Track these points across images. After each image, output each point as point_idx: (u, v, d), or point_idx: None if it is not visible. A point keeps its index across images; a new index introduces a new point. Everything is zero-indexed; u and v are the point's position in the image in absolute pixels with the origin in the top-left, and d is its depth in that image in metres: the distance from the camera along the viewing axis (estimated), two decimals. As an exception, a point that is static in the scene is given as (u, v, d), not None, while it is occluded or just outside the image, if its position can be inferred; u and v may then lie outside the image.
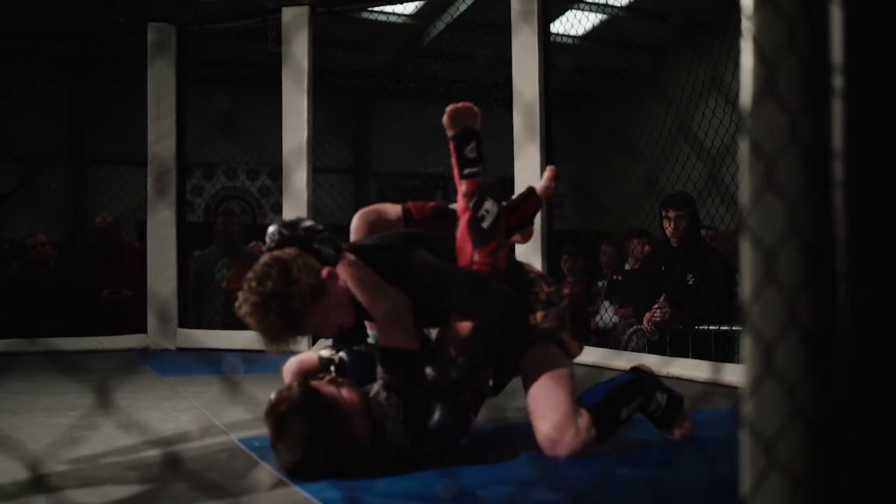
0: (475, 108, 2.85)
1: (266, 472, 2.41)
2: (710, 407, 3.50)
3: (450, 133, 2.83)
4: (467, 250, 2.69)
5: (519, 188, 5.49)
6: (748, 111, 1.08)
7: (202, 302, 6.68)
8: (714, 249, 4.87)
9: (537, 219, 5.33)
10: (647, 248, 6.86)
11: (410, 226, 2.95)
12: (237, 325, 6.46)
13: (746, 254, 1.11)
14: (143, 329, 6.38)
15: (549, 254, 5.50)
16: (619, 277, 6.38)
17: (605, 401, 2.69)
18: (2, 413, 3.54)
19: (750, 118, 1.08)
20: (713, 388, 4.06)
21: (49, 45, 8.86)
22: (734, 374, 4.04)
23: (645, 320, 4.83)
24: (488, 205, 2.72)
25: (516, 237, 3.15)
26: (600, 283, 6.93)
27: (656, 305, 4.77)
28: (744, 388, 1.15)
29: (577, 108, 6.09)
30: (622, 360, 4.75)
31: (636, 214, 5.99)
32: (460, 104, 2.83)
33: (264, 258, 2.46)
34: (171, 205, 6.35)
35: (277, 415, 2.31)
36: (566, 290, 7.17)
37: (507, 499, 2.18)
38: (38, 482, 2.31)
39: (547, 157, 5.41)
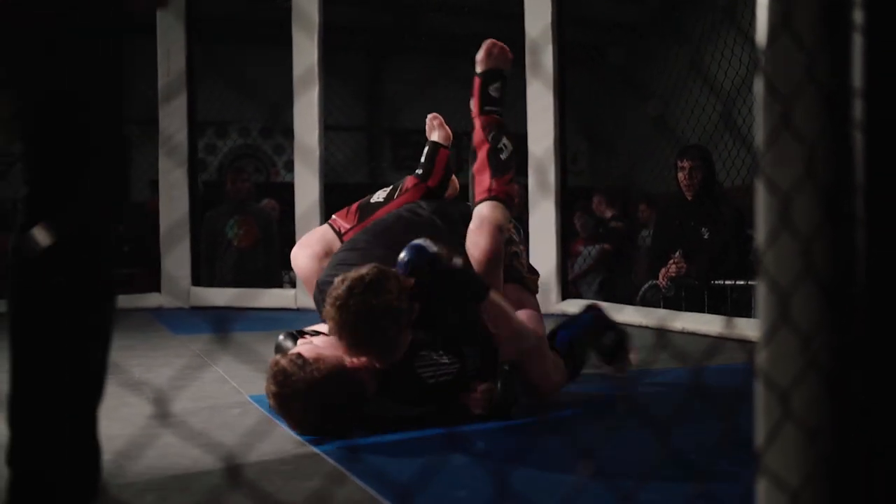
0: (510, 52, 2.91)
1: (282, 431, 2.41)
2: (723, 361, 3.46)
3: (480, 68, 2.89)
4: (485, 180, 2.77)
5: (533, 139, 5.44)
6: (763, 48, 1.03)
7: (214, 261, 6.67)
8: (729, 202, 4.79)
9: (551, 174, 5.31)
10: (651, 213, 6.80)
11: (344, 238, 3.00)
12: (249, 283, 6.49)
13: (761, 198, 1.07)
14: (156, 288, 6.39)
15: (563, 212, 5.45)
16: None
17: (571, 342, 2.90)
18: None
19: (765, 55, 1.03)
20: (726, 342, 4.01)
21: None
22: (748, 328, 4.01)
23: (660, 275, 4.77)
24: (505, 140, 2.82)
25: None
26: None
27: (672, 260, 4.71)
28: (758, 338, 1.11)
29: (591, 59, 5.99)
30: (638, 316, 4.72)
31: (648, 166, 5.93)
32: (499, 42, 2.91)
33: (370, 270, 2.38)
34: (183, 164, 6.31)
35: (276, 392, 2.31)
36: (579, 247, 7.13)
37: (516, 452, 2.16)
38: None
39: (561, 110, 5.34)
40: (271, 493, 1.86)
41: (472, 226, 2.72)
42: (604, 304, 5.17)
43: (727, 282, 4.54)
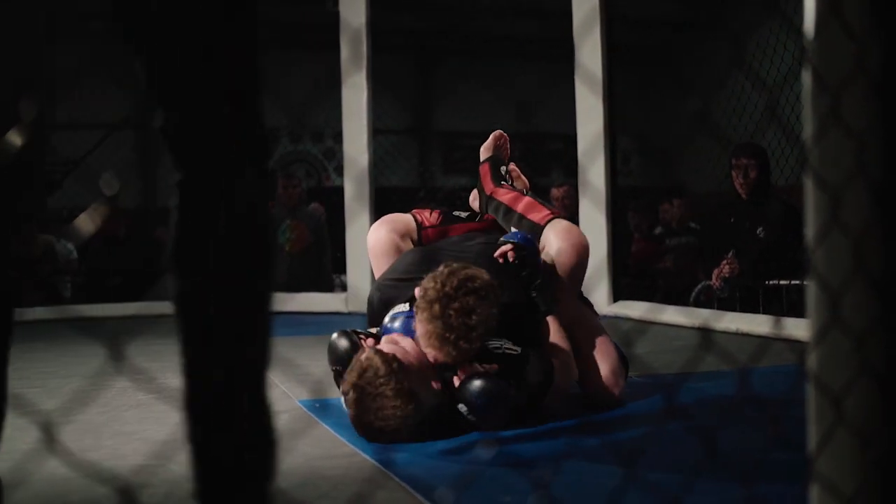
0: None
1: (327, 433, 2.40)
2: (772, 362, 3.38)
3: (487, 154, 3.21)
4: (542, 209, 2.89)
5: (582, 139, 5.39)
6: (811, 37, 0.99)
7: (268, 265, 6.71)
8: (785, 201, 4.70)
9: (600, 174, 5.25)
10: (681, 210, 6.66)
11: (424, 233, 3.00)
12: (301, 287, 6.52)
13: (810, 194, 1.03)
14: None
15: (613, 212, 5.39)
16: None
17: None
18: (73, 376, 3.60)
19: (813, 45, 0.99)
20: (776, 342, 3.92)
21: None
22: (797, 328, 3.93)
23: (714, 276, 4.69)
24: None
25: None
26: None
27: (725, 261, 4.62)
28: (809, 339, 1.07)
29: (641, 63, 5.94)
30: (691, 318, 4.65)
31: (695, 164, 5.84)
32: (505, 135, 3.26)
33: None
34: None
35: (360, 385, 2.24)
36: (633, 248, 7.05)
37: (556, 454, 2.13)
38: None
39: (611, 111, 5.29)
40: (315, 495, 1.85)
41: (554, 234, 2.77)
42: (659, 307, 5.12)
43: (783, 282, 4.45)
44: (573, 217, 5.87)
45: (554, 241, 2.77)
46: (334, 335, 2.61)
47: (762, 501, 1.36)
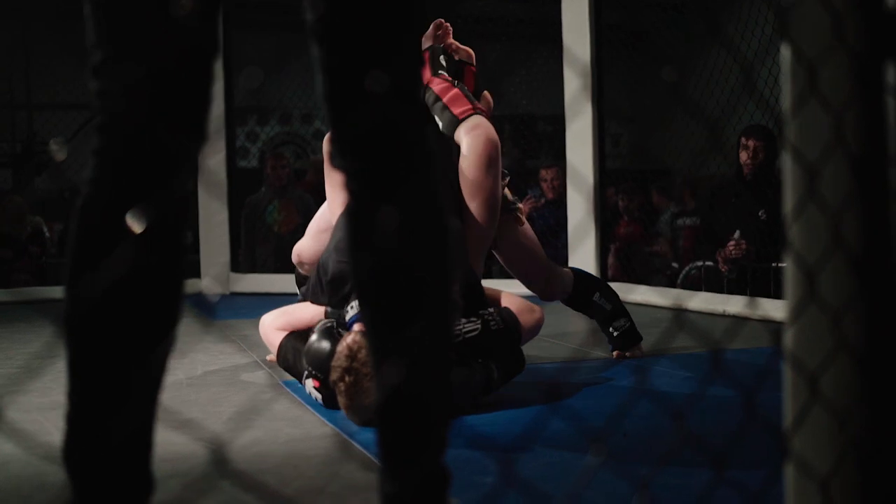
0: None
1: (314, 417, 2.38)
2: (748, 343, 3.36)
3: (427, 45, 3.14)
4: (464, 102, 2.90)
5: (571, 121, 5.36)
6: (789, 10, 0.97)
7: (255, 246, 6.69)
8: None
9: (588, 155, 5.22)
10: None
11: None
12: (290, 268, 6.48)
13: (787, 169, 1.01)
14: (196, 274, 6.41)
15: (600, 193, 5.36)
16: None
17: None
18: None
19: (791, 17, 0.97)
20: (770, 324, 3.92)
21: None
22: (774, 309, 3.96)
23: (719, 258, 4.66)
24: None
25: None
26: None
27: (732, 242, 4.59)
28: (785, 317, 1.06)
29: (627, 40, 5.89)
30: (689, 300, 4.64)
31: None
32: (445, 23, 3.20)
33: None
34: (220, 150, 6.32)
35: (358, 366, 2.19)
36: (621, 230, 7.04)
37: (521, 439, 2.12)
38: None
39: (598, 92, 5.26)
40: (301, 478, 1.84)
41: (465, 130, 2.79)
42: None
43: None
44: (562, 198, 5.88)
45: (463, 138, 2.79)
46: (313, 336, 2.47)
47: (734, 481, 1.34)
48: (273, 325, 2.83)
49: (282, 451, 2.07)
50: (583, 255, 5.22)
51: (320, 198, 7.01)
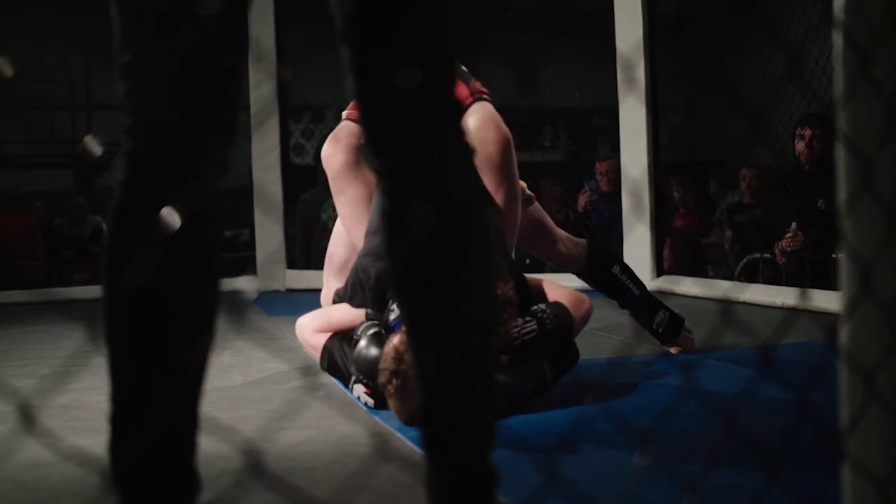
0: None
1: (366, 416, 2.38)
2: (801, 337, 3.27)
3: None
4: (463, 88, 2.73)
5: (625, 114, 5.30)
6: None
7: (310, 243, 6.72)
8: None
9: (642, 147, 5.16)
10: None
11: None
12: (344, 265, 6.49)
13: (841, 159, 0.98)
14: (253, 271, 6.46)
15: (656, 186, 5.29)
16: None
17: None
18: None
19: (843, 2, 0.93)
20: (819, 316, 3.82)
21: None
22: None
23: (776, 250, 4.57)
24: None
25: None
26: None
27: (788, 234, 4.50)
28: (840, 312, 1.02)
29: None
30: (743, 293, 4.56)
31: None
32: None
33: None
34: (275, 147, 6.36)
35: (406, 368, 2.14)
36: (678, 222, 6.94)
37: (567, 439, 2.09)
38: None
39: (653, 81, 5.18)
40: (353, 476, 1.83)
41: (474, 123, 2.66)
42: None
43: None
44: (618, 191, 5.81)
45: (472, 130, 2.63)
46: (362, 342, 2.44)
47: (788, 484, 1.30)
48: (311, 327, 2.81)
49: (333, 449, 2.07)
50: (638, 248, 5.16)
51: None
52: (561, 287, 2.71)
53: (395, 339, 2.22)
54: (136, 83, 1.21)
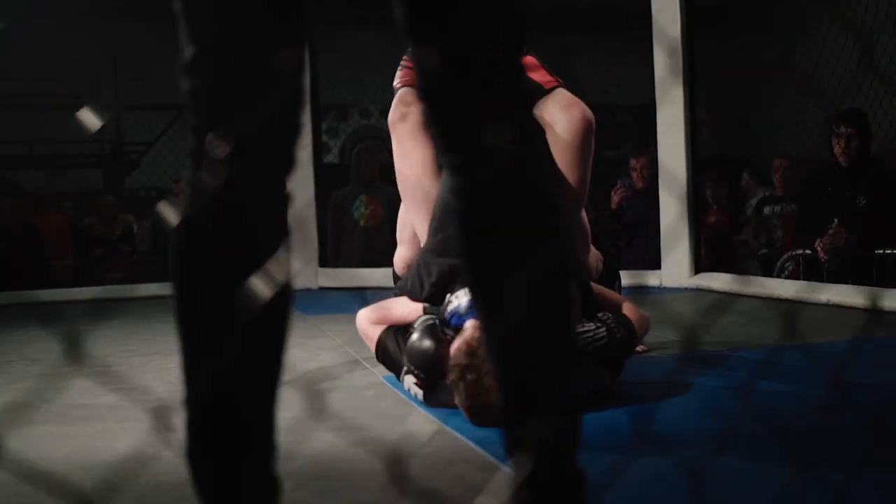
0: None
1: (420, 415, 2.36)
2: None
3: None
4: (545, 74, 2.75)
5: (662, 108, 5.25)
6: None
7: (341, 241, 6.71)
8: (885, 168, 4.52)
9: (679, 144, 5.11)
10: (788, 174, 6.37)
11: None
12: (377, 262, 6.53)
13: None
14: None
15: (693, 184, 5.25)
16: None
17: None
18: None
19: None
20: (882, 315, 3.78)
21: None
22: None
23: (819, 248, 4.52)
24: None
25: None
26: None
27: (830, 231, 4.45)
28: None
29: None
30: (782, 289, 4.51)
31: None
32: None
33: None
34: (307, 145, 6.35)
35: (478, 363, 2.11)
36: (711, 218, 6.89)
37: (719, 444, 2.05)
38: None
39: (690, 78, 5.14)
40: (416, 478, 1.80)
41: (561, 102, 2.64)
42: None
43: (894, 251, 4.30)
44: (652, 187, 5.76)
45: (559, 115, 2.63)
46: (415, 335, 2.42)
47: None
48: (369, 320, 2.79)
49: (391, 449, 2.04)
50: (677, 247, 5.12)
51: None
52: (628, 302, 2.66)
53: (467, 334, 2.19)
54: (199, 80, 1.19)
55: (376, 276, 5.93)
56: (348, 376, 2.97)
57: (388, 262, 6.47)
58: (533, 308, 1.26)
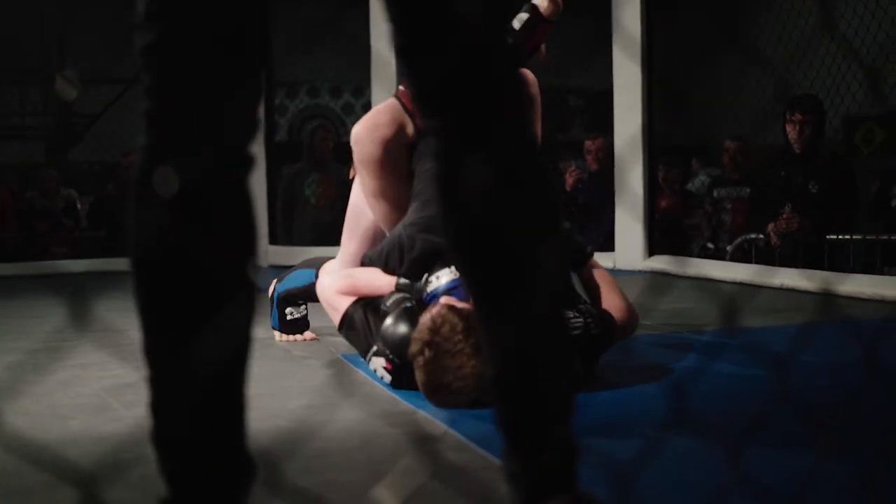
0: None
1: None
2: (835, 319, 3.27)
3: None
4: None
5: (619, 91, 5.25)
6: None
7: (293, 218, 6.64)
8: (838, 156, 4.60)
9: (637, 126, 5.12)
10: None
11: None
12: (327, 241, 6.46)
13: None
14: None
15: (649, 166, 5.27)
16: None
17: None
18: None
19: None
20: (834, 299, 3.82)
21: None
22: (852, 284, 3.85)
23: (771, 232, 4.57)
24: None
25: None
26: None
27: (784, 216, 4.50)
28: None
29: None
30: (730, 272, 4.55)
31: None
32: None
33: None
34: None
35: (440, 340, 2.07)
36: (663, 202, 6.93)
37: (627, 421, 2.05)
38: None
39: (648, 61, 5.15)
40: (381, 455, 1.78)
41: None
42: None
43: (845, 236, 4.37)
44: (607, 170, 5.77)
45: None
46: (390, 319, 2.35)
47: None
48: (335, 288, 2.68)
49: (363, 428, 2.01)
50: (631, 229, 5.15)
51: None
52: (616, 295, 2.57)
53: (434, 310, 2.15)
54: (156, 38, 1.13)
55: (325, 253, 5.87)
56: (306, 353, 2.92)
57: (338, 242, 6.43)
58: (527, 271, 1.20)
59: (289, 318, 3.12)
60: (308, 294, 3.02)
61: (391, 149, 2.67)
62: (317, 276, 2.95)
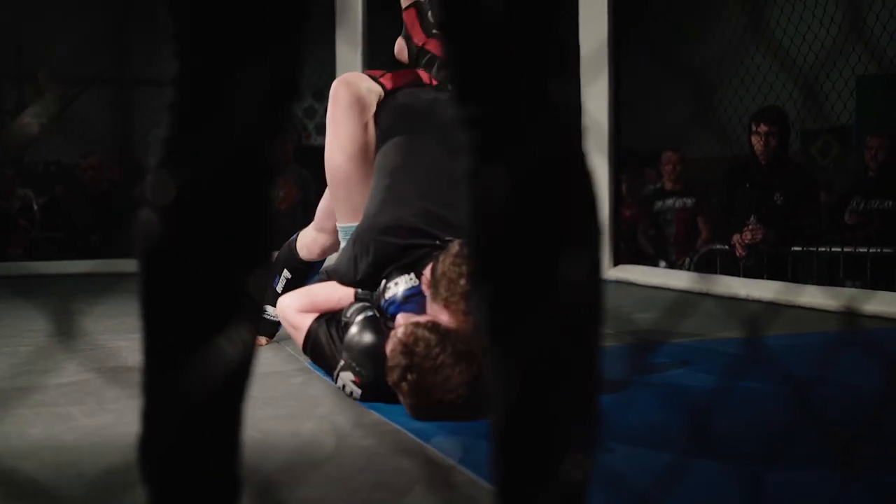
0: None
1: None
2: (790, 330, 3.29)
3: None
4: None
5: (589, 98, 5.24)
6: None
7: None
8: (802, 168, 4.64)
9: (604, 135, 5.11)
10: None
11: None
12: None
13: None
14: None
15: (615, 175, 5.28)
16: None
17: None
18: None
19: None
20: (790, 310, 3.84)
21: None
22: (818, 296, 3.87)
23: (736, 243, 4.60)
24: None
25: None
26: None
27: (749, 227, 4.53)
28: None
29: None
30: (696, 283, 4.56)
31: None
32: None
33: None
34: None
35: (419, 361, 2.01)
36: (626, 212, 6.96)
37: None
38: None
39: (616, 64, 5.15)
40: (366, 471, 1.74)
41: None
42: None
43: (811, 248, 4.41)
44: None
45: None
46: (354, 329, 2.28)
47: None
48: (294, 307, 2.64)
49: (333, 441, 1.97)
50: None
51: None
52: None
53: (399, 332, 2.09)
54: (185, 27, 1.06)
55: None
56: (271, 361, 2.87)
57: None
58: (560, 295, 1.07)
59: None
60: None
61: (370, 103, 2.71)
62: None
